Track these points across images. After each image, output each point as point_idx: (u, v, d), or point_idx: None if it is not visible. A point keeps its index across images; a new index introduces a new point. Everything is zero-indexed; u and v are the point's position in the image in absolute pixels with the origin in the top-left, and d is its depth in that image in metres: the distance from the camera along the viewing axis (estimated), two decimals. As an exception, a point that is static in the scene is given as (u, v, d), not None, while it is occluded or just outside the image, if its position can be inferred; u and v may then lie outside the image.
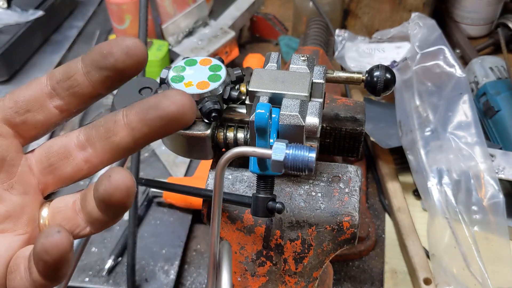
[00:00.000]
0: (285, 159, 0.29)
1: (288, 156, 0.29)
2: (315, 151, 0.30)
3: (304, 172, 0.30)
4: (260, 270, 0.43)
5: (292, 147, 0.30)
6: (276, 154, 0.30)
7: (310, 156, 0.29)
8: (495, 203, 0.67)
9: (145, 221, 0.78)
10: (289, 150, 0.30)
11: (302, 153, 0.30)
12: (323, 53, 0.78)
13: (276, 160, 0.29)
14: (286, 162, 0.30)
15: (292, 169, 0.30)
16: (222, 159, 0.31)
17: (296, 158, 0.29)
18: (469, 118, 0.72)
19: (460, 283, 0.62)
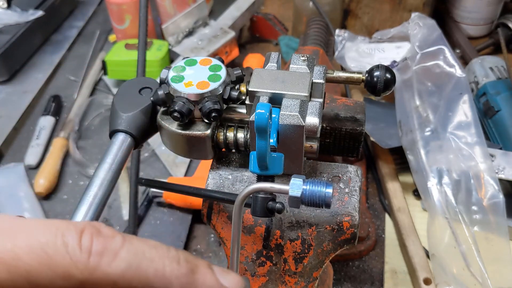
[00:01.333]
0: (302, 195, 0.29)
1: (306, 192, 0.29)
2: (332, 187, 0.29)
3: (321, 207, 0.30)
4: (260, 270, 0.43)
5: (309, 183, 0.30)
6: (293, 190, 0.29)
7: (327, 192, 0.29)
8: (495, 203, 0.67)
9: (145, 221, 0.78)
10: (306, 186, 0.30)
11: (319, 188, 0.29)
12: (323, 53, 0.78)
13: (293, 196, 0.29)
14: (304, 198, 0.29)
15: (309, 204, 0.30)
16: (240, 197, 0.31)
17: (313, 193, 0.29)
18: (469, 118, 0.72)
19: (460, 283, 0.62)
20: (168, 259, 0.22)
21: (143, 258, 0.21)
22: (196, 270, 0.23)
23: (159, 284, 0.22)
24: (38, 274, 0.19)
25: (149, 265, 0.21)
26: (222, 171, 0.45)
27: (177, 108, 0.39)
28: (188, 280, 0.22)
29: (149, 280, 0.21)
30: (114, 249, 0.21)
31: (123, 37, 1.08)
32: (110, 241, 0.21)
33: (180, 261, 0.23)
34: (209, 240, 0.76)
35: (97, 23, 1.25)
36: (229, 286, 0.24)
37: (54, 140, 0.90)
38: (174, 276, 0.22)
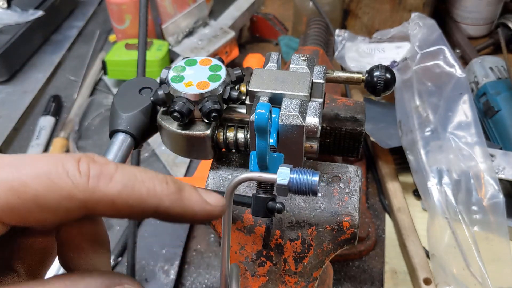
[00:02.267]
0: (289, 183, 0.30)
1: (292, 180, 0.30)
2: (318, 175, 0.30)
3: (308, 195, 0.31)
4: (260, 270, 0.43)
5: (296, 171, 0.31)
6: (281, 178, 0.30)
7: (313, 180, 0.30)
8: (495, 203, 0.67)
9: (145, 221, 0.78)
10: (293, 174, 0.30)
11: (305, 177, 0.30)
12: (323, 53, 0.78)
13: (281, 184, 0.30)
14: (291, 186, 0.30)
15: (296, 192, 0.30)
16: (229, 186, 0.32)
17: (300, 182, 0.30)
18: (469, 118, 0.72)
19: (460, 283, 0.62)
20: (157, 180, 0.25)
21: (136, 180, 0.24)
22: (183, 189, 0.26)
23: (152, 201, 0.24)
24: (45, 197, 0.22)
25: (141, 185, 0.24)
26: (222, 171, 0.45)
27: (177, 108, 0.39)
28: (177, 197, 0.25)
29: (142, 198, 0.24)
30: (109, 173, 0.23)
31: (123, 37, 1.08)
32: (105, 166, 0.24)
33: (168, 182, 0.25)
34: (209, 240, 0.76)
35: (97, 23, 1.25)
36: (211, 201, 0.27)
37: (54, 140, 0.90)
38: (164, 194, 0.24)
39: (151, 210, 0.24)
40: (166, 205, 0.25)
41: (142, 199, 0.24)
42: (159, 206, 0.24)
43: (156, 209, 0.24)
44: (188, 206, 0.26)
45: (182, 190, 0.26)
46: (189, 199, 0.26)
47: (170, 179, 0.26)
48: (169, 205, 0.25)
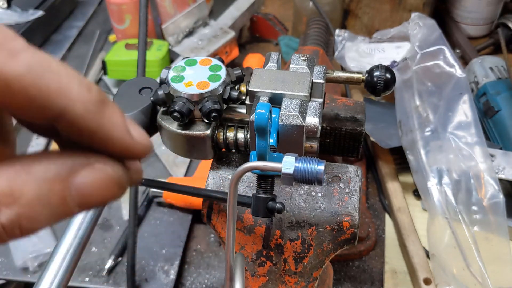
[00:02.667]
0: (294, 172, 0.30)
1: (298, 168, 0.30)
2: (324, 164, 0.30)
3: (314, 184, 0.30)
4: (260, 270, 0.43)
5: (301, 160, 0.30)
6: (286, 167, 0.30)
7: (319, 169, 0.30)
8: (495, 203, 0.67)
9: (145, 221, 0.78)
10: (298, 163, 0.30)
11: (311, 165, 0.30)
12: (323, 53, 0.78)
13: (286, 173, 0.30)
14: (296, 175, 0.30)
15: (302, 181, 0.30)
16: (235, 175, 0.32)
17: (305, 170, 0.30)
18: (469, 118, 0.72)
19: (460, 283, 0.62)
20: (78, 82, 0.19)
21: (48, 70, 0.18)
22: (107, 104, 0.20)
23: (60, 101, 0.19)
24: None
25: (53, 79, 0.18)
26: (222, 171, 0.45)
27: (177, 108, 0.39)
28: (95, 109, 0.20)
29: (50, 94, 0.18)
30: (13, 49, 0.18)
31: (123, 37, 1.08)
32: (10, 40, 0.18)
33: (91, 89, 0.20)
34: (209, 240, 0.76)
35: (97, 23, 1.25)
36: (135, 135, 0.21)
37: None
38: (80, 97, 0.19)
39: (55, 112, 0.19)
40: (77, 113, 0.19)
41: (49, 94, 0.18)
42: (67, 110, 0.19)
43: (62, 112, 0.19)
44: (106, 125, 0.20)
45: (105, 105, 0.20)
46: (110, 119, 0.20)
47: (97, 88, 0.20)
48: (81, 114, 0.19)
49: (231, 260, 0.34)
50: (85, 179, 0.20)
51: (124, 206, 0.79)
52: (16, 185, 0.18)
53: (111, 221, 0.78)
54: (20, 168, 0.19)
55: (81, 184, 0.20)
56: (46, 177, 0.19)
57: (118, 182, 0.21)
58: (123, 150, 0.21)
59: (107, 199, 0.21)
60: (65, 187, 0.19)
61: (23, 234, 0.19)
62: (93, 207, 0.20)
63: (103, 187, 0.20)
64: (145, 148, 0.22)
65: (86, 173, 0.20)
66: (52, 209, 0.19)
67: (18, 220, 0.18)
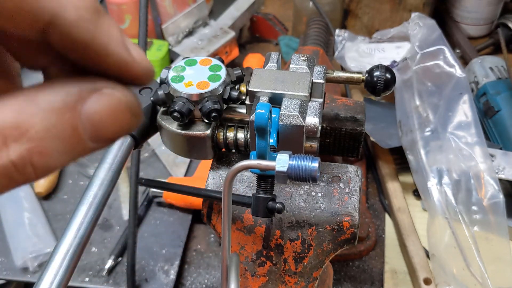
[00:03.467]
0: (288, 170, 0.30)
1: (292, 166, 0.30)
2: (318, 161, 0.30)
3: (308, 181, 0.30)
4: (260, 270, 0.43)
5: (295, 158, 0.30)
6: (279, 165, 0.30)
7: (313, 166, 0.30)
8: (495, 203, 0.67)
9: (145, 221, 0.78)
10: (292, 161, 0.30)
11: (305, 163, 0.30)
12: (323, 53, 0.78)
13: (280, 171, 0.30)
14: (290, 173, 0.30)
15: (296, 179, 0.30)
16: (229, 174, 0.32)
17: (299, 168, 0.30)
18: (469, 118, 0.72)
19: (460, 283, 0.62)
20: None
21: None
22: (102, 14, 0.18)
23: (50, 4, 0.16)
24: None
25: None
26: (222, 171, 0.45)
27: (177, 108, 0.39)
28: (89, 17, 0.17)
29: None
30: None
31: (123, 37, 1.08)
32: None
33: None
34: (209, 240, 0.76)
35: (97, 23, 1.25)
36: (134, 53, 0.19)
37: (54, 140, 0.90)
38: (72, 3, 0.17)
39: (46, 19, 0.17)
40: (68, 19, 0.17)
41: None
42: (58, 16, 0.16)
43: (52, 18, 0.17)
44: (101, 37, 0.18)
45: (101, 14, 0.18)
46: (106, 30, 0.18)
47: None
48: (74, 21, 0.17)
49: (227, 260, 0.35)
50: (94, 105, 0.18)
51: (124, 206, 0.79)
52: (22, 117, 0.16)
53: (111, 221, 0.78)
54: (24, 99, 0.17)
55: (91, 111, 0.18)
56: (53, 107, 0.17)
57: (130, 107, 0.18)
58: (122, 68, 0.19)
59: (121, 129, 0.18)
60: (75, 116, 0.17)
61: (37, 174, 0.17)
62: (108, 140, 0.18)
63: (115, 114, 0.18)
64: (146, 70, 0.19)
65: (95, 99, 0.18)
66: (65, 142, 0.17)
67: (30, 155, 0.17)
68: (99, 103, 0.18)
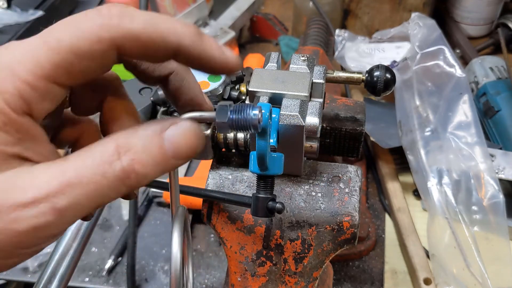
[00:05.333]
0: (228, 120, 0.29)
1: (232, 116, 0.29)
2: (259, 109, 0.29)
3: (249, 130, 0.29)
4: (260, 270, 0.42)
5: (236, 107, 0.29)
6: (219, 116, 0.30)
7: (253, 114, 0.29)
8: (495, 203, 0.67)
9: (145, 221, 0.78)
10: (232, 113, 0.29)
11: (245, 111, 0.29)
12: (323, 53, 0.78)
13: (220, 121, 0.30)
14: (231, 123, 0.29)
15: (237, 128, 0.29)
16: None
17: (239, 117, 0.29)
18: (469, 118, 0.72)
19: (460, 283, 0.62)
20: (178, 22, 0.26)
21: (157, 20, 0.26)
22: (202, 33, 0.27)
23: (173, 38, 0.26)
24: (78, 46, 0.24)
25: (163, 24, 0.26)
26: (222, 171, 0.45)
27: (177, 108, 0.39)
28: (197, 38, 0.27)
29: (164, 35, 0.26)
30: (130, 13, 0.25)
31: (123, 37, 1.08)
32: (125, 8, 0.25)
33: (190, 26, 0.27)
34: (209, 240, 0.76)
35: (97, 23, 1.25)
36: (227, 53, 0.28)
37: (54, 140, 0.90)
38: (185, 33, 0.26)
39: (173, 47, 0.26)
40: (186, 44, 0.26)
41: (164, 36, 0.26)
42: (180, 44, 0.26)
43: (178, 47, 0.26)
44: (208, 49, 0.27)
45: (202, 34, 0.27)
46: (209, 43, 0.27)
47: (192, 24, 0.28)
48: (190, 45, 0.26)
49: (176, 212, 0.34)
50: (173, 131, 0.26)
51: (124, 206, 0.79)
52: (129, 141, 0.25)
53: (111, 221, 0.78)
54: (130, 131, 0.26)
55: (171, 135, 0.26)
56: (147, 134, 0.26)
57: (196, 132, 0.27)
58: (223, 65, 0.28)
59: (191, 147, 0.27)
60: (160, 139, 0.26)
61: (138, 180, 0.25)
62: (184, 157, 0.26)
63: (186, 136, 0.26)
64: (236, 64, 0.28)
65: (173, 127, 0.26)
66: (155, 157, 0.25)
67: (133, 164, 0.25)
68: (176, 129, 0.26)
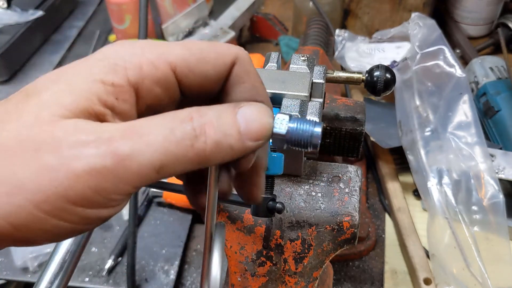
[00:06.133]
0: (288, 133, 0.27)
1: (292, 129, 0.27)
2: (322, 126, 0.27)
3: (307, 148, 0.27)
4: (260, 270, 0.42)
5: (296, 120, 0.27)
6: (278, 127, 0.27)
7: (315, 131, 0.27)
8: (495, 203, 0.67)
9: (145, 221, 0.78)
10: (293, 124, 0.27)
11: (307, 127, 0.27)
12: (323, 53, 0.78)
13: (278, 133, 0.27)
14: (290, 137, 0.27)
15: (294, 144, 0.27)
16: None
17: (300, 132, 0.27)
18: (469, 118, 0.72)
19: (460, 283, 0.62)
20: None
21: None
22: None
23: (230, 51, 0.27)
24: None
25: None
26: (222, 171, 0.45)
27: (177, 108, 0.39)
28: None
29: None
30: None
31: (123, 37, 1.08)
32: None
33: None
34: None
35: (97, 23, 1.25)
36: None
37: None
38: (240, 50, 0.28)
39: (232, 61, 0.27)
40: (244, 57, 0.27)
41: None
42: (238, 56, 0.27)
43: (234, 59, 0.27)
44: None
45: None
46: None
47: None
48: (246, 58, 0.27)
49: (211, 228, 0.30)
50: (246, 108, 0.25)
51: (124, 206, 0.79)
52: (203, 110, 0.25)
53: (111, 221, 0.78)
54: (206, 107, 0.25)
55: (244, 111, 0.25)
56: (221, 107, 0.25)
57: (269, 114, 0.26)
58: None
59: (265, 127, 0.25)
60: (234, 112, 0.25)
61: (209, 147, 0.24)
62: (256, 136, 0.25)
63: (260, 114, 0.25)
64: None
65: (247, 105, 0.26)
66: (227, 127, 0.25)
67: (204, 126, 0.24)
68: (249, 107, 0.26)
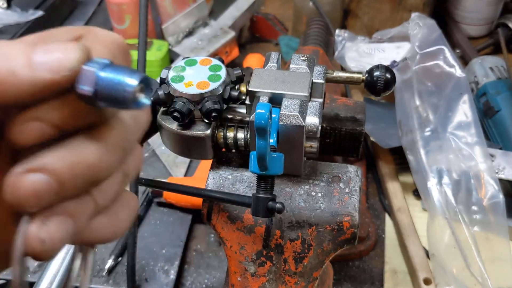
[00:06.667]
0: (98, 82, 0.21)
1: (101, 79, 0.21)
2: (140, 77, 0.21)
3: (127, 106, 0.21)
4: (260, 270, 0.42)
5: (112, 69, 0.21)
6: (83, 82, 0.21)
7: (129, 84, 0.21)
8: (495, 203, 0.66)
9: (145, 221, 0.78)
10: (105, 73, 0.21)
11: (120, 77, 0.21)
12: (323, 53, 0.78)
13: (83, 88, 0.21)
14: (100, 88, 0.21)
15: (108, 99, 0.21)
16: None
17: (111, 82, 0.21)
18: (469, 118, 0.72)
19: (460, 283, 0.62)
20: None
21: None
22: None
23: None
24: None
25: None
26: (222, 171, 0.45)
27: (177, 108, 0.39)
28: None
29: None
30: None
31: (123, 37, 1.08)
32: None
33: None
34: (209, 240, 0.76)
35: (97, 23, 1.25)
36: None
37: (54, 140, 0.90)
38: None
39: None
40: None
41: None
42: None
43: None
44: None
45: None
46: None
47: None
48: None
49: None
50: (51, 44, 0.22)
51: (124, 206, 0.79)
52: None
53: (111, 221, 0.78)
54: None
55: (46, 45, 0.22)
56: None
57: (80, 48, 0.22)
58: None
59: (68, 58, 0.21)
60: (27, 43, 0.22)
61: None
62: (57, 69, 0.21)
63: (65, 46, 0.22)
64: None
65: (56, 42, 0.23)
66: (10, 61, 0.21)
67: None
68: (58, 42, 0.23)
